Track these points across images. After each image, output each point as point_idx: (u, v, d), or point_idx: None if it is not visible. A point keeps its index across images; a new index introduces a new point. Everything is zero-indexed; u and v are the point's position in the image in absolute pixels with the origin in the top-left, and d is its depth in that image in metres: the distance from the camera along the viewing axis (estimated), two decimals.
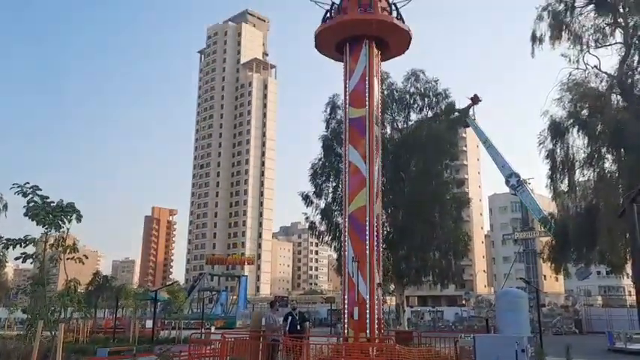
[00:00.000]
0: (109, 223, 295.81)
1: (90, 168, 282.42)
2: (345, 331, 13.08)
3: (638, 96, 20.48)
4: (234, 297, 62.45)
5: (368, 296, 13.53)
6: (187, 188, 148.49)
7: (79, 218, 9.60)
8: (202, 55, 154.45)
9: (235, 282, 69.11)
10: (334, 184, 32.20)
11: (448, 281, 35.92)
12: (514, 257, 76.79)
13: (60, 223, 9.35)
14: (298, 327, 13.75)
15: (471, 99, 54.27)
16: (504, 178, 58.98)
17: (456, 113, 35.86)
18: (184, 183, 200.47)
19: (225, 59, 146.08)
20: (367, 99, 14.66)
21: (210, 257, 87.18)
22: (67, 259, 9.86)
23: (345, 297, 13.60)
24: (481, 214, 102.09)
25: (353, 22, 14.53)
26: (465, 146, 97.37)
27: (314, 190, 33.12)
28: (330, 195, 32.49)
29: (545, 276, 77.71)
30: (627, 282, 57.60)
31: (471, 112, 55.02)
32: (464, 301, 71.70)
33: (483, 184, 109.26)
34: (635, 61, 20.64)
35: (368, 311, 13.42)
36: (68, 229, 9.58)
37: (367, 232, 13.78)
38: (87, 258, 10.07)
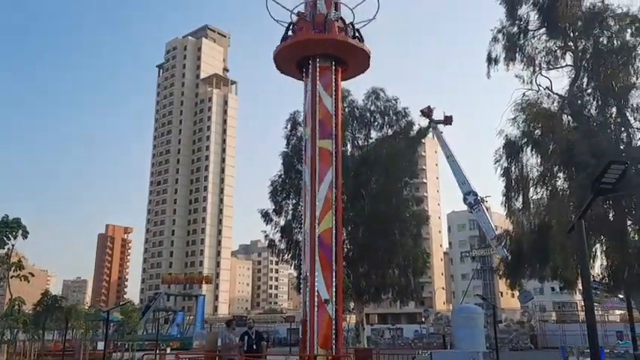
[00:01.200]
0: (60, 241, 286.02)
1: (42, 185, 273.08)
2: (315, 350, 12.85)
3: (587, 117, 21.23)
4: (191, 317, 60.98)
5: (334, 314, 13.54)
6: (144, 206, 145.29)
7: (24, 234, 9.15)
8: (161, 70, 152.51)
9: (192, 302, 67.55)
10: (294, 202, 32.04)
11: (408, 298, 36.08)
12: (472, 274, 78.11)
13: (4, 239, 8.86)
14: (254, 346, 13.46)
15: (422, 112, 54.83)
16: (463, 195, 60.10)
17: (417, 127, 36.23)
18: (141, 200, 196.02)
19: (185, 74, 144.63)
20: (311, 119, 14.74)
21: (166, 276, 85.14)
22: (12, 277, 9.34)
23: (315, 315, 13.38)
24: (440, 232, 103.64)
25: (307, 42, 14.54)
26: (425, 164, 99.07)
27: (274, 207, 32.87)
28: (291, 212, 32.30)
29: (502, 292, 79.31)
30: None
31: (439, 126, 55.53)
32: (423, 319, 72.14)
33: (442, 201, 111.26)
34: (585, 83, 21.43)
35: (334, 329, 13.43)
36: (13, 245, 9.10)
37: (310, 249, 14.00)
38: (33, 276, 9.63)
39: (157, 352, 30.83)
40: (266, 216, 32.87)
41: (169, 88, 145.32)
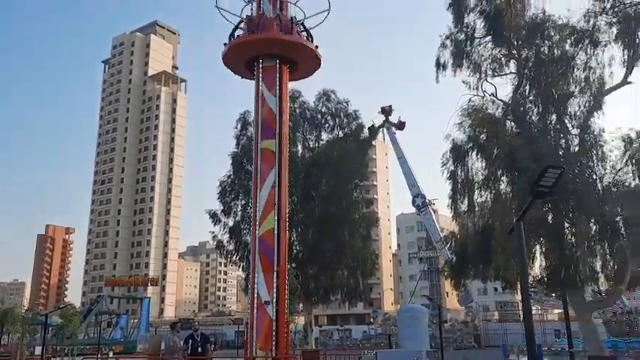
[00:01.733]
0: None
1: None
2: (254, 351, 12.70)
3: (529, 123, 21.95)
4: (136, 320, 59.30)
5: (275, 315, 13.35)
6: (87, 205, 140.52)
7: None
8: (107, 66, 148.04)
9: (137, 304, 65.75)
10: (243, 202, 31.73)
11: (356, 299, 36.39)
12: (419, 275, 79.74)
13: None
14: (199, 349, 13.23)
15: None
16: (412, 198, 61.21)
17: (369, 128, 36.70)
18: (84, 200, 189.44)
19: (132, 71, 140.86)
20: (254, 120, 14.64)
21: (110, 278, 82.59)
22: None
23: (254, 317, 13.20)
24: (389, 234, 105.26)
25: (246, 43, 14.36)
26: (375, 167, 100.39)
27: (222, 208, 32.44)
28: (240, 213, 31.96)
29: (447, 293, 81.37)
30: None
31: (393, 128, 56.46)
32: (371, 319, 73.14)
33: (392, 204, 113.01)
34: (527, 91, 22.13)
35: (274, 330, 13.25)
36: None
37: (257, 252, 13.81)
38: None
39: (99, 356, 29.82)
40: (214, 217, 32.40)
41: (116, 84, 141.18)
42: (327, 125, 33.63)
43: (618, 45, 21.22)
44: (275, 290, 13.35)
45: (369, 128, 52.37)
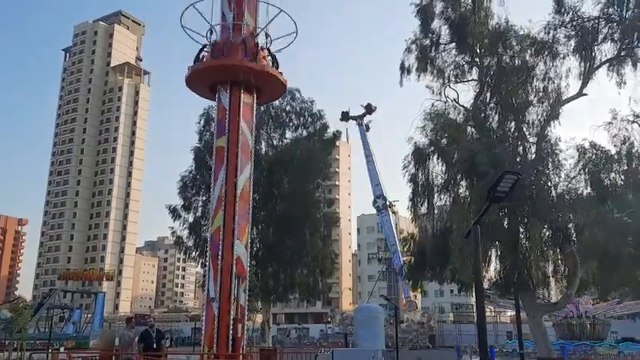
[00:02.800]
0: None
1: None
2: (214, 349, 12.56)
3: (489, 129, 22.46)
4: (89, 315, 57.82)
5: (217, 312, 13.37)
6: (41, 196, 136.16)
7: None
8: (68, 54, 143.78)
9: (92, 299, 64.13)
10: (204, 198, 31.38)
11: (315, 298, 36.57)
12: (378, 276, 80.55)
13: None
14: (154, 345, 13.05)
15: (365, 107, 55.49)
16: (373, 198, 61.65)
17: (332, 131, 36.54)
18: (39, 191, 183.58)
19: (94, 60, 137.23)
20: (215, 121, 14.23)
21: (63, 272, 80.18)
22: None
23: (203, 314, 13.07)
24: (350, 234, 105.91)
25: (215, 68, 14.07)
26: (338, 167, 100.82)
27: (183, 203, 32.03)
28: (200, 209, 31.61)
29: None
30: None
31: (365, 122, 56.34)
32: (329, 319, 73.41)
33: (353, 204, 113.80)
34: (488, 98, 22.63)
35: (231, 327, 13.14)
36: None
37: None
38: None
39: (50, 351, 28.98)
40: (174, 212, 31.99)
41: (76, 74, 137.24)
42: (291, 124, 33.66)
43: (575, 57, 21.96)
44: (219, 287, 13.19)
45: (342, 112, 51.94)
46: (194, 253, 32.42)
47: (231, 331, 12.42)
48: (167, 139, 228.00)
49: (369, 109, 55.02)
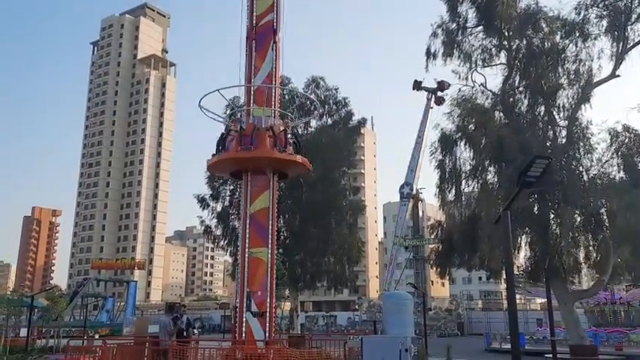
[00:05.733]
0: None
1: None
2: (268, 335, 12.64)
3: (518, 114, 22.08)
4: (122, 303, 59.21)
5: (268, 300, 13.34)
6: (74, 188, 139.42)
7: None
8: (96, 48, 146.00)
9: (124, 288, 65.61)
10: (232, 187, 31.68)
11: (342, 286, 36.72)
12: (405, 264, 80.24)
13: None
14: (185, 333, 13.33)
15: (438, 83, 53.02)
16: (402, 183, 60.84)
17: (357, 118, 35.95)
18: (71, 182, 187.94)
19: (121, 53, 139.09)
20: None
21: (96, 261, 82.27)
22: None
23: (273, 301, 13.00)
24: (376, 222, 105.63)
25: (236, 160, 13.51)
26: (363, 155, 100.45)
27: (211, 192, 32.41)
28: (227, 198, 31.96)
29: (432, 281, 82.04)
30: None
31: (432, 102, 53.90)
32: (357, 306, 73.60)
33: (379, 192, 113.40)
34: (516, 82, 22.22)
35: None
36: None
37: (270, 236, 13.39)
38: None
39: (85, 338, 29.76)
40: (202, 201, 32.40)
41: (104, 67, 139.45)
42: (315, 112, 33.61)
43: (607, 38, 21.34)
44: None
45: (415, 81, 50.16)
46: (222, 242, 32.82)
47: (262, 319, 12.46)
48: (193, 128, 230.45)
49: (442, 86, 51.74)
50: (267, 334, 12.07)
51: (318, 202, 30.65)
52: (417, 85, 49.65)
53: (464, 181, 23.01)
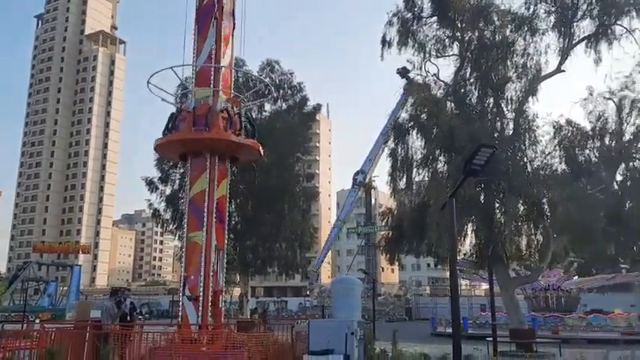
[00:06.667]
0: None
1: None
2: (208, 319, 12.40)
3: (468, 105, 22.55)
4: (65, 288, 57.44)
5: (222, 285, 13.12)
6: (14, 167, 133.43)
7: None
8: (40, 22, 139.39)
9: (67, 272, 63.60)
10: (182, 170, 31.04)
11: (294, 272, 36.77)
12: (356, 250, 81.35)
13: None
14: (128, 317, 13.08)
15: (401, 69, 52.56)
16: (358, 170, 61.39)
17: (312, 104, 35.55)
18: (11, 162, 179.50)
19: (67, 28, 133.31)
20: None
21: (38, 244, 79.24)
22: None
23: (209, 285, 12.67)
24: (329, 209, 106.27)
25: (190, 141, 12.81)
26: (318, 142, 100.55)
27: (160, 175, 31.66)
28: (177, 181, 31.27)
29: (383, 268, 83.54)
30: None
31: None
32: (308, 292, 74.15)
33: (333, 179, 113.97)
34: (468, 73, 22.65)
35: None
36: None
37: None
38: None
39: (24, 323, 28.74)
40: (151, 184, 31.61)
41: (49, 42, 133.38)
42: (270, 96, 33.21)
43: (555, 33, 22.07)
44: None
45: (403, 68, 49.48)
46: (171, 226, 32.20)
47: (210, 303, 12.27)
48: (143, 108, 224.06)
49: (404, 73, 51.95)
50: (199, 318, 11.90)
51: (272, 187, 30.44)
52: (405, 72, 49.51)
53: (415, 170, 23.38)
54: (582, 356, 10.50)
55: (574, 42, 22.13)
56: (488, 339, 19.54)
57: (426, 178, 23.12)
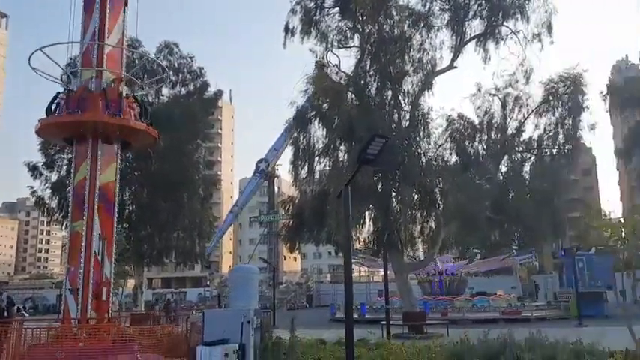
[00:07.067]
0: None
1: None
2: (88, 314, 11.55)
3: (368, 96, 23.10)
4: None
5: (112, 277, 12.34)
6: None
7: None
8: None
9: None
10: (70, 156, 29.00)
11: (192, 262, 35.86)
12: (258, 239, 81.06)
13: None
14: (6, 313, 12.04)
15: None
16: (262, 158, 60.90)
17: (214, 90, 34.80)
18: None
19: None
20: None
21: None
22: None
23: (90, 277, 11.80)
24: (232, 197, 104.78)
25: (65, 124, 12.19)
26: (220, 129, 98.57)
27: (45, 160, 29.37)
28: (65, 168, 29.12)
29: (285, 256, 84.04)
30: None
31: None
32: (208, 282, 72.87)
33: (236, 167, 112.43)
34: (368, 65, 23.17)
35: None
36: None
37: (114, 209, 12.31)
38: None
39: None
40: (34, 170, 29.23)
41: None
42: (168, 80, 31.90)
43: (448, 30, 23.18)
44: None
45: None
46: (58, 215, 30.04)
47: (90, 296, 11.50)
48: (28, 86, 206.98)
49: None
50: (79, 311, 11.23)
51: (170, 174, 29.29)
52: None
53: (316, 159, 23.63)
54: (466, 335, 11.17)
55: (465, 40, 23.37)
56: (383, 322, 20.28)
57: (327, 167, 23.48)
